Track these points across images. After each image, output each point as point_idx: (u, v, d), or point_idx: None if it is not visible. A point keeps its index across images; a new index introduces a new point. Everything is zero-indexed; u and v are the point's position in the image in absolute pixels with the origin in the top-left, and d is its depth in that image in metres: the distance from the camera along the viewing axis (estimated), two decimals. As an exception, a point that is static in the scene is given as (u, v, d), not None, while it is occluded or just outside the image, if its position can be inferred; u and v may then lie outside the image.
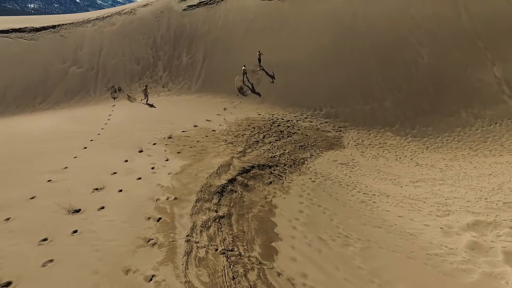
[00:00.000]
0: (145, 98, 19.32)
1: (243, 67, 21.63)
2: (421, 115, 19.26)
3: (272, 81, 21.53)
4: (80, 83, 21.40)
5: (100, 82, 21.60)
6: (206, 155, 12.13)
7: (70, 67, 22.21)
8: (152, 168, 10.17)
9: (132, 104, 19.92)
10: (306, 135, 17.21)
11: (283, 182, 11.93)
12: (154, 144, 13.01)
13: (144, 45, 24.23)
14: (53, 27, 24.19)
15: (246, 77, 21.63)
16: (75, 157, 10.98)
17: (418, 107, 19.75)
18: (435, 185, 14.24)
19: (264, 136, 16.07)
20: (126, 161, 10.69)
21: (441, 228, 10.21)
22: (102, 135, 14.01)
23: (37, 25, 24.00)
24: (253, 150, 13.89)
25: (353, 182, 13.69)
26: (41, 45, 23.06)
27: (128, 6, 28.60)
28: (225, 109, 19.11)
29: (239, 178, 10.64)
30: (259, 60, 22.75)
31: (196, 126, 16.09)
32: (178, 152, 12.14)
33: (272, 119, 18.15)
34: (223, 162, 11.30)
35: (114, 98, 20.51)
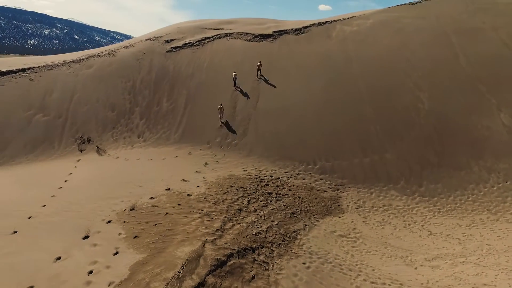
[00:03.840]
0: (221, 118, 19.92)
1: (234, 73, 22.29)
2: (427, 169, 17.09)
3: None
4: (44, 133, 19.01)
5: (67, 132, 19.25)
6: (171, 240, 9.52)
7: (35, 114, 19.95)
8: (90, 272, 7.51)
9: (101, 158, 17.49)
10: (298, 197, 14.76)
11: (269, 275, 9.28)
12: (109, 222, 10.40)
13: (122, 90, 22.28)
14: (23, 70, 22.26)
15: (236, 84, 22.46)
16: (-7, 252, 8.30)
17: (423, 159, 17.64)
18: (456, 264, 11.68)
19: (249, 201, 13.57)
20: (59, 258, 8.02)
21: None
22: (47, 207, 11.39)
23: (5, 69, 22.05)
24: (233, 225, 11.33)
25: (356, 265, 11.07)
26: (5, 91, 20.93)
27: (108, 47, 27.10)
28: (206, 164, 16.74)
29: (210, 279, 8.00)
30: (259, 70, 23.01)
31: (169, 189, 13.58)
32: (135, 237, 9.52)
33: (259, 177, 15.76)
34: (190, 254, 8.68)
35: (81, 151, 18.08)
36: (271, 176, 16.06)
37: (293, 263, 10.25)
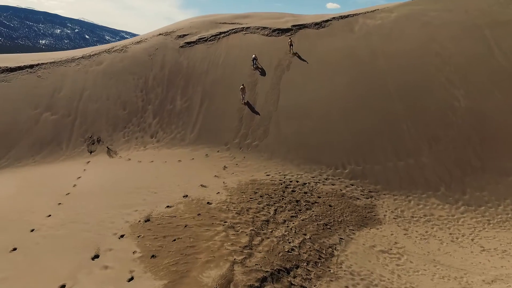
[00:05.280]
0: (243, 99, 19.70)
1: (253, 55, 22.22)
2: (470, 175, 15.38)
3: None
4: (52, 133, 17.87)
5: (76, 132, 18.07)
6: (194, 260, 8.13)
7: (43, 113, 18.83)
8: (100, 306, 6.16)
9: (112, 160, 16.24)
10: (329, 206, 13.24)
11: (310, 303, 7.83)
12: (122, 236, 9.07)
13: (133, 87, 21.04)
14: (31, 66, 21.19)
15: (256, 64, 22.30)
16: (-13, 275, 7.03)
17: (464, 163, 15.93)
18: (521, 288, 10.03)
19: (276, 210, 12.12)
20: (63, 287, 6.70)
21: None
22: (53, 217, 10.14)
23: (12, 65, 21.01)
24: (262, 240, 9.90)
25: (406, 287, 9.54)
26: (12, 88, 19.89)
27: (119, 43, 25.94)
28: (225, 167, 15.34)
29: (244, 313, 6.59)
30: (291, 45, 23.08)
31: (187, 196, 12.23)
32: (152, 256, 8.16)
33: (284, 182, 14.30)
34: (219, 280, 7.28)
35: (91, 152, 16.87)
36: (297, 182, 14.57)
37: (334, 287, 8.77)
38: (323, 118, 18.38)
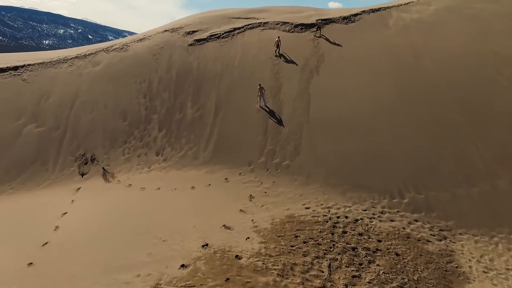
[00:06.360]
0: (260, 101, 16.73)
1: (278, 38, 20.16)
2: None
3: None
4: (36, 150, 14.66)
5: (65, 148, 14.84)
6: None
7: (27, 125, 15.63)
8: None
9: (108, 186, 12.98)
10: (396, 254, 9.88)
11: None
12: (115, 337, 5.78)
13: (135, 92, 17.80)
14: (15, 68, 18.02)
15: (279, 49, 20.09)
16: None
17: (556, 191, 12.51)
18: None
19: (329, 266, 8.78)
20: None
21: None
22: (16, 293, 6.87)
23: (-7, 67, 17.87)
24: (326, 330, 6.56)
25: None
26: (-9, 94, 16.74)
27: (119, 41, 22.74)
28: (251, 197, 12.02)
29: None
30: (318, 28, 21.69)
31: (207, 245, 8.95)
32: None
33: (330, 219, 10.95)
34: None
35: (83, 175, 13.63)
36: (346, 217, 11.22)
37: None
38: (368, 132, 15.00)
